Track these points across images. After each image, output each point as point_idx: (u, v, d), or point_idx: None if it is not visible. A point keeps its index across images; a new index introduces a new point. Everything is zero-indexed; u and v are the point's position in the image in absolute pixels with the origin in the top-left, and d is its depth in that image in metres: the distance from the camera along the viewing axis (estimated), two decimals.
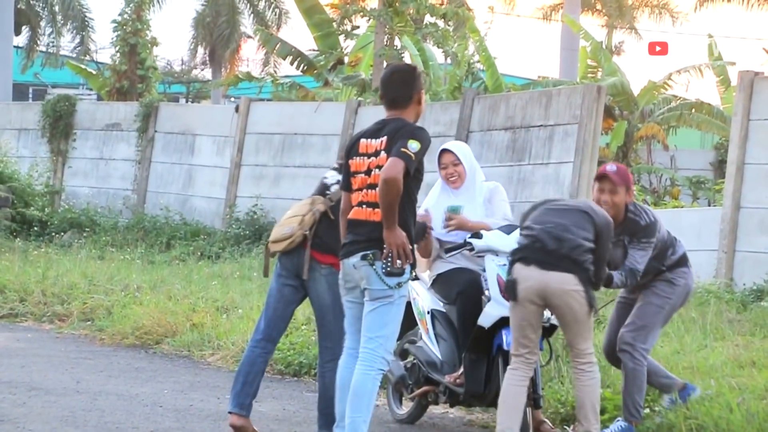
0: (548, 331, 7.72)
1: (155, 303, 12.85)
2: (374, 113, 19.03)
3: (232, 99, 36.16)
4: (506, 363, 7.51)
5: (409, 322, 8.51)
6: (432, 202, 8.30)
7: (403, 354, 8.59)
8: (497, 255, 7.75)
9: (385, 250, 6.67)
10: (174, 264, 17.13)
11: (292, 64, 25.04)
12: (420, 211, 8.05)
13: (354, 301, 6.96)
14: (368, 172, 6.83)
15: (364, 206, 6.83)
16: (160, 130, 21.51)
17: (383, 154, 6.75)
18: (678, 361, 9.39)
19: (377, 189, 6.66)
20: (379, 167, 6.72)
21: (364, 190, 6.84)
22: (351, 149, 6.96)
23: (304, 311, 11.72)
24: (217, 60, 43.50)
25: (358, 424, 6.76)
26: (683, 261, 7.96)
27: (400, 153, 6.60)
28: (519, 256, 7.33)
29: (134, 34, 24.56)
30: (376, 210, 6.71)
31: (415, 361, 8.34)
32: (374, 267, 6.72)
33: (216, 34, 42.70)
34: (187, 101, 38.06)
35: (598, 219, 7.37)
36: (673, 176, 23.97)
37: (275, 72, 42.04)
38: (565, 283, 7.21)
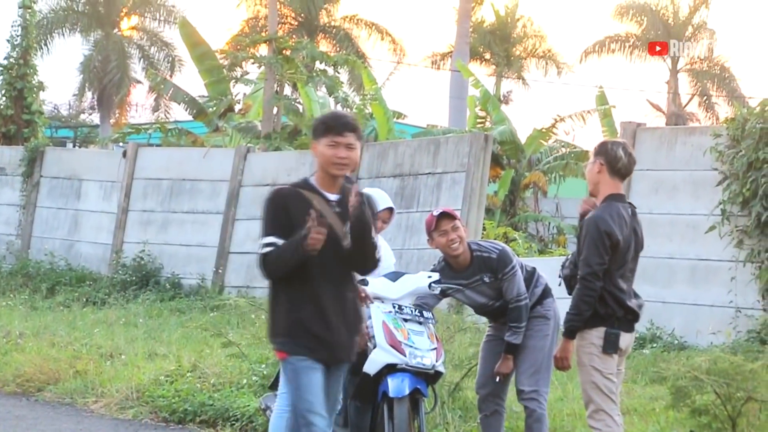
0: (432, 377, 7.72)
1: (38, 350, 12.64)
2: (263, 159, 19.05)
3: (120, 144, 35.85)
4: (391, 410, 7.50)
5: None
6: None
7: None
8: (383, 302, 7.76)
9: None
10: (58, 310, 16.88)
11: (185, 109, 24.98)
12: None
13: None
14: None
15: None
16: (46, 174, 21.25)
17: None
18: (562, 408, 9.50)
19: None
20: None
21: None
22: None
23: (190, 358, 11.63)
24: (105, 104, 43.11)
25: None
26: (548, 292, 7.86)
27: None
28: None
29: (21, 78, 24.25)
30: None
31: None
32: None
33: (106, 79, 42.34)
34: (74, 146, 37.60)
35: None
36: (559, 224, 24.21)
37: (166, 117, 41.81)
38: None
